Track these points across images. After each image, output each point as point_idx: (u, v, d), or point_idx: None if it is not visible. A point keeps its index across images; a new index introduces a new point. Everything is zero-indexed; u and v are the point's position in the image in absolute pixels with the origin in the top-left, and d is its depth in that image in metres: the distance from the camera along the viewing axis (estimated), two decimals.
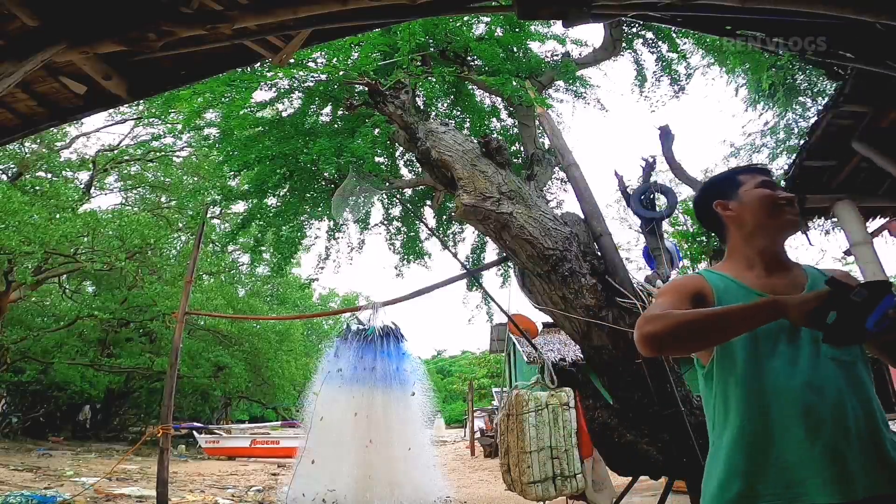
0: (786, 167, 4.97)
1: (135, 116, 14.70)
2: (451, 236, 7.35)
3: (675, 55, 6.77)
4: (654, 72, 6.94)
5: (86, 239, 12.25)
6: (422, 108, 5.85)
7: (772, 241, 1.33)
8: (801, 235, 5.31)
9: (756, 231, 1.33)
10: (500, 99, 6.63)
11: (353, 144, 5.03)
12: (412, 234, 7.21)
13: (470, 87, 6.53)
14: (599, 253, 3.99)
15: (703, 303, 1.25)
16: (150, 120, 13.65)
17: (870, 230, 4.54)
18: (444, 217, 7.09)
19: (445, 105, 6.85)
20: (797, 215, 1.33)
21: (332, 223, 6.79)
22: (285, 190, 6.32)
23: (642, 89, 7.10)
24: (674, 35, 6.51)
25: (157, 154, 15.64)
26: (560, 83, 6.63)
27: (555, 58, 6.37)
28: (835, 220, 4.59)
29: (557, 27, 6.37)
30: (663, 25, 5.85)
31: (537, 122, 5.75)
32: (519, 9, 2.22)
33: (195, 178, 15.17)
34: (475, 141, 4.68)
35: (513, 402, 3.41)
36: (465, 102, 6.64)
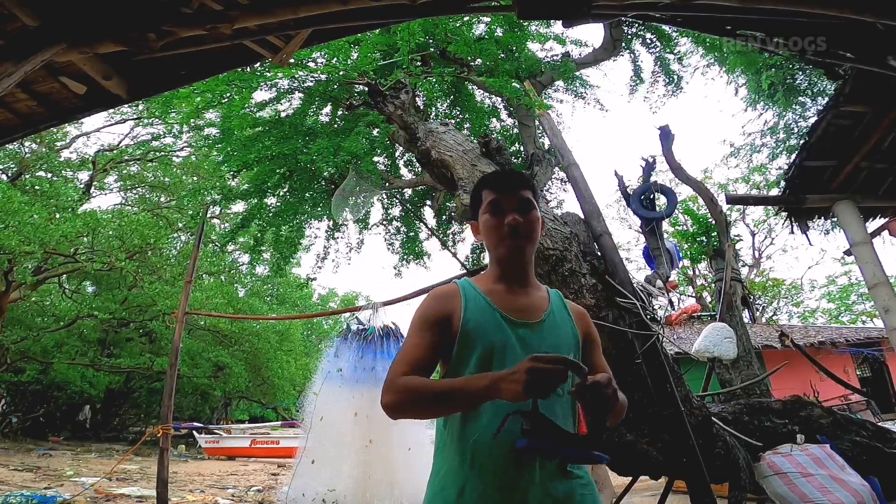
0: (786, 167, 4.97)
1: (135, 116, 14.72)
2: (450, 236, 7.34)
3: (673, 55, 6.78)
4: (654, 71, 6.96)
5: (86, 239, 12.24)
6: (422, 108, 5.85)
7: (509, 264, 1.32)
8: (800, 236, 5.30)
9: (494, 253, 1.33)
10: (500, 99, 6.62)
11: (347, 144, 5.03)
12: (412, 234, 7.20)
13: (470, 86, 6.53)
14: (599, 253, 3.99)
15: (447, 330, 1.26)
16: (150, 120, 13.69)
17: (870, 230, 4.54)
18: (444, 217, 7.09)
19: (445, 105, 6.85)
20: (522, 241, 1.29)
21: (331, 223, 6.78)
22: (285, 190, 6.32)
23: (640, 90, 7.11)
24: (672, 35, 6.51)
25: (157, 154, 15.65)
26: (560, 83, 6.63)
27: (554, 58, 6.37)
28: (835, 220, 4.59)
29: (557, 27, 6.37)
30: (663, 26, 5.85)
31: (537, 122, 5.75)
32: (519, 9, 2.22)
33: (195, 178, 15.16)
34: (475, 141, 4.67)
35: None
36: (465, 102, 6.63)
